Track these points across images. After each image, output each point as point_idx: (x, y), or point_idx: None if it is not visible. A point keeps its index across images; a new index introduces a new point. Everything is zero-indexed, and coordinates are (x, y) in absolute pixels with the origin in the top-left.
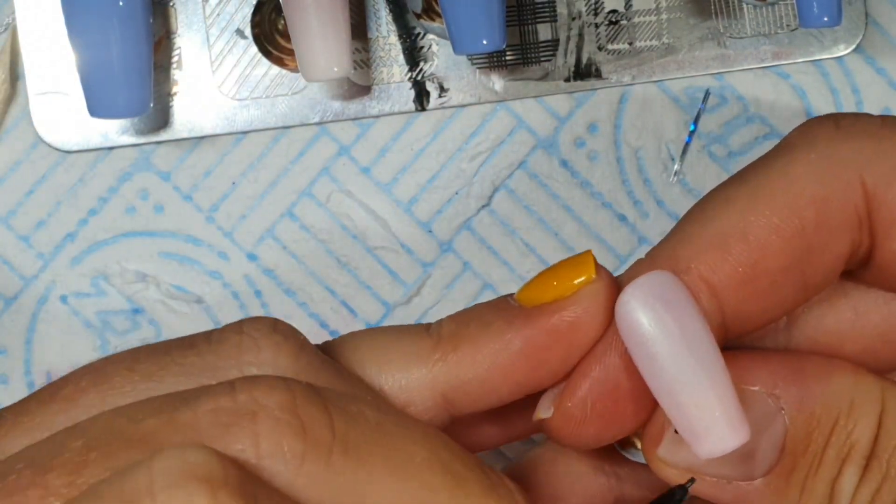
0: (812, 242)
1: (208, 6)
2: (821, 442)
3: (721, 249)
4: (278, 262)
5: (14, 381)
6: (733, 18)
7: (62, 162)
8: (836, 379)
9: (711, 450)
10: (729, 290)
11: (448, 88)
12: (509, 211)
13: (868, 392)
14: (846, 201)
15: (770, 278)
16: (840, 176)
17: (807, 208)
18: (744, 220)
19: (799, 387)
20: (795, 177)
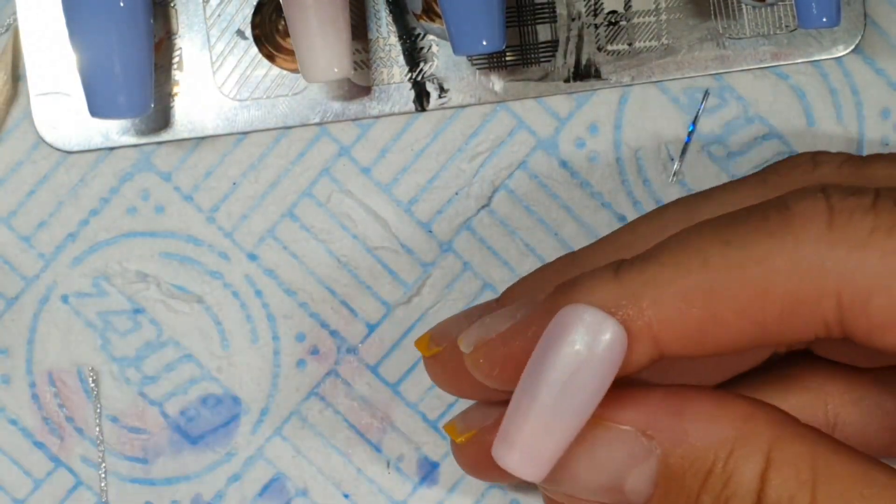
0: (770, 330)
1: (209, 7)
2: (695, 486)
3: (680, 307)
4: (279, 262)
5: (15, 381)
6: (732, 19)
7: (63, 162)
8: (719, 424)
9: (504, 462)
10: (672, 341)
11: (448, 89)
12: (509, 211)
13: (752, 441)
14: (816, 311)
15: (717, 346)
16: (817, 285)
17: (775, 304)
18: (711, 291)
19: (674, 428)
20: (774, 270)
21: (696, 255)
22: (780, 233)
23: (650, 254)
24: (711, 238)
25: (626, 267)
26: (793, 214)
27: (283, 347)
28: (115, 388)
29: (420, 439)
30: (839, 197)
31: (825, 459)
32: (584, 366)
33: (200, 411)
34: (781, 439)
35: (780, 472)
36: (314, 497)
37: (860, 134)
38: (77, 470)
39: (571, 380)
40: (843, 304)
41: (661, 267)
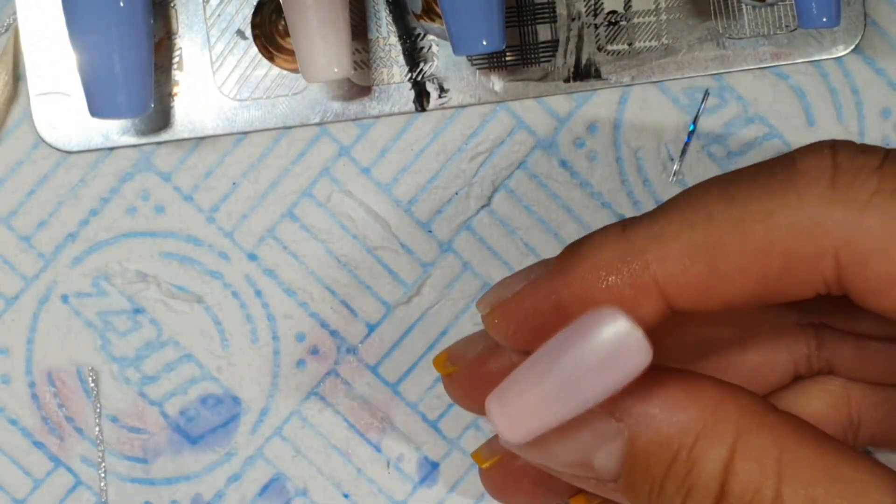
0: (772, 286)
1: (209, 7)
2: (660, 472)
3: (684, 263)
4: (278, 262)
5: (15, 381)
6: (732, 19)
7: (63, 162)
8: (685, 411)
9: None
10: (678, 295)
11: (448, 89)
12: (509, 211)
13: (717, 431)
14: (815, 269)
15: (722, 300)
16: (817, 244)
17: (775, 260)
18: (714, 246)
19: (642, 413)
20: (775, 226)
21: (701, 211)
22: (783, 189)
23: (658, 210)
24: (717, 194)
25: (634, 223)
26: (798, 171)
27: (283, 347)
28: (115, 387)
29: (420, 439)
30: (847, 155)
31: (792, 452)
32: (601, 370)
33: (200, 411)
34: (748, 429)
35: (744, 463)
36: (314, 497)
37: (860, 134)
38: (77, 470)
39: (585, 376)
40: (842, 264)
41: (667, 222)
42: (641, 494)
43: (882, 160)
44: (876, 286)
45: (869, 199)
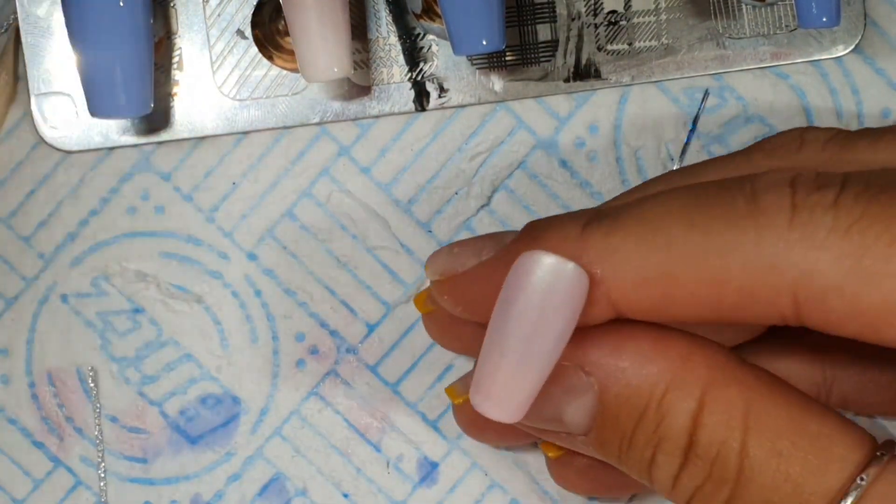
0: (726, 316)
1: (209, 7)
2: (629, 425)
3: (638, 283)
4: (278, 261)
5: (15, 381)
6: (732, 19)
7: (63, 162)
8: (654, 364)
9: (481, 408)
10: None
11: (448, 89)
12: (509, 211)
13: (686, 384)
14: (772, 305)
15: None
16: (773, 282)
17: (731, 295)
18: (670, 273)
19: (611, 366)
20: (732, 263)
21: (661, 233)
22: (743, 225)
23: (621, 215)
24: (679, 217)
25: (593, 226)
26: (759, 207)
27: (283, 347)
28: (115, 387)
29: (420, 439)
30: (804, 193)
31: (759, 405)
32: (546, 311)
33: (200, 411)
34: (716, 382)
35: (712, 416)
36: (314, 497)
37: None
38: (76, 470)
39: (536, 326)
40: (799, 302)
41: (626, 237)
42: (612, 447)
43: (837, 195)
44: (836, 319)
45: (825, 237)
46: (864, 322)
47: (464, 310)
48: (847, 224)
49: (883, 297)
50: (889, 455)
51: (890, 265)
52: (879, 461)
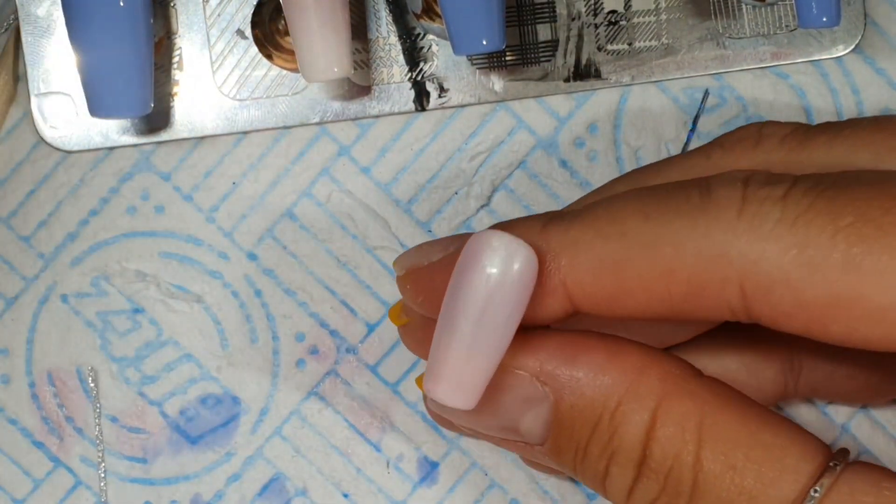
0: (677, 308)
1: (209, 7)
2: (584, 436)
3: (593, 273)
4: (278, 261)
5: (15, 381)
6: (732, 19)
7: (63, 162)
8: (608, 375)
9: (433, 393)
10: (583, 301)
11: (448, 89)
12: (509, 211)
13: (639, 396)
14: (720, 297)
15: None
16: (721, 273)
17: (681, 285)
18: (623, 263)
19: (566, 376)
20: (682, 253)
21: (615, 225)
22: (694, 216)
23: (580, 212)
24: (634, 209)
25: (555, 222)
26: (711, 200)
27: (283, 347)
28: (115, 387)
29: (420, 439)
30: (755, 186)
31: (713, 417)
32: (496, 290)
33: (200, 411)
34: (670, 395)
35: (665, 428)
36: (314, 497)
37: None
38: (76, 470)
39: (486, 306)
40: (746, 293)
41: (583, 229)
42: (567, 458)
43: (787, 189)
44: (783, 311)
45: (771, 228)
46: (809, 316)
47: (424, 301)
48: (793, 216)
49: (826, 289)
50: (842, 464)
51: (832, 256)
52: (833, 471)
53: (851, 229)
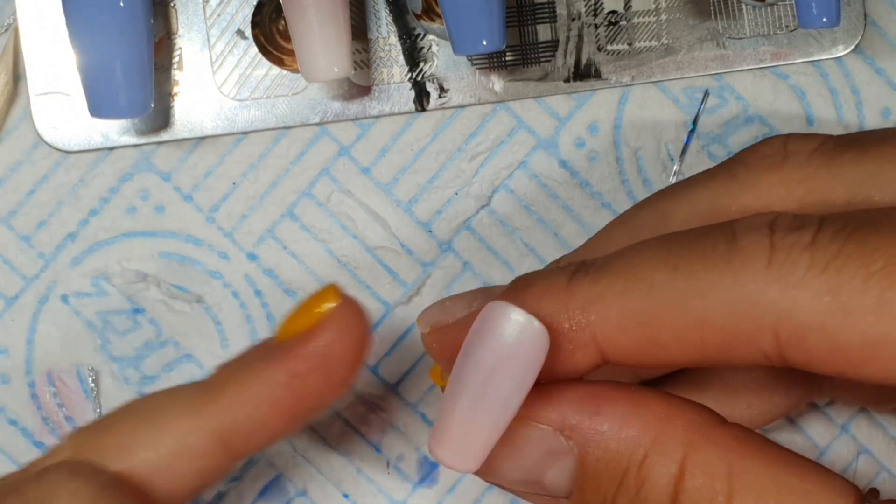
0: (711, 357)
1: (209, 7)
2: (611, 489)
3: (623, 328)
4: (278, 262)
5: (15, 381)
6: (732, 19)
7: (63, 162)
8: (633, 427)
9: (436, 454)
10: (615, 354)
11: (448, 89)
12: (509, 211)
13: (666, 447)
14: (754, 345)
15: (658, 364)
16: (754, 322)
17: (713, 336)
18: (653, 316)
19: (590, 430)
20: (713, 303)
21: (644, 278)
22: (723, 266)
23: (605, 264)
24: (662, 261)
25: (579, 276)
26: (738, 248)
27: None
28: (115, 387)
29: (420, 439)
30: (781, 233)
31: (740, 465)
32: (504, 362)
33: None
34: (696, 444)
35: (694, 479)
36: (314, 497)
37: None
38: None
39: (492, 375)
40: (781, 341)
41: (611, 284)
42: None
43: (814, 235)
44: (818, 356)
45: (802, 276)
46: (844, 359)
47: (449, 360)
48: (824, 262)
49: (861, 333)
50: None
51: (866, 301)
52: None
53: (884, 273)
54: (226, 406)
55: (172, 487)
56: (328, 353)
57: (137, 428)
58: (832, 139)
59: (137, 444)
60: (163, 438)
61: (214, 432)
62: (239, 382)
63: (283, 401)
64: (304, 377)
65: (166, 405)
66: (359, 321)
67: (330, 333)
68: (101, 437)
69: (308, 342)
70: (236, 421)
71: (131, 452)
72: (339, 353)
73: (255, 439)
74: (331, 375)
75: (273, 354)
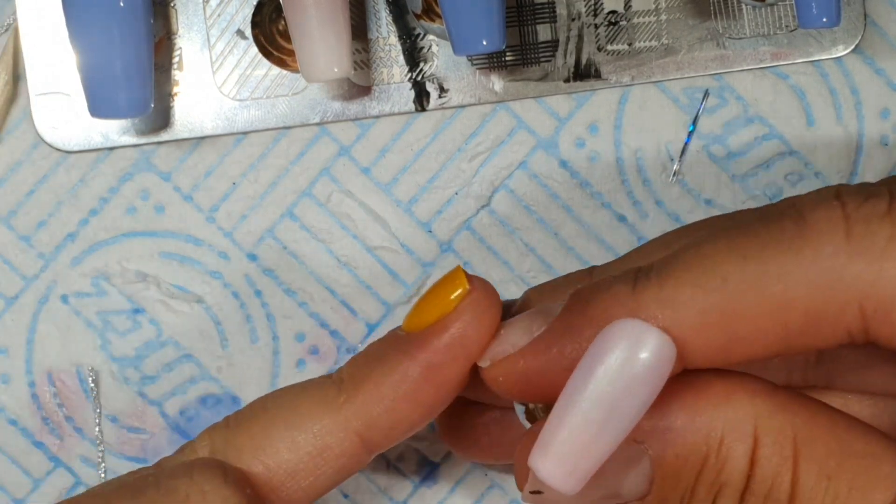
0: (794, 343)
1: (209, 7)
2: (690, 479)
3: (700, 328)
4: (278, 262)
5: (15, 381)
6: (732, 19)
7: (63, 162)
8: (704, 414)
9: (538, 469)
10: (693, 357)
11: (448, 89)
12: (509, 211)
13: (739, 424)
14: (839, 322)
15: (740, 360)
16: (839, 298)
17: (797, 319)
18: (731, 310)
19: (663, 427)
20: (794, 285)
21: (714, 273)
22: (797, 245)
23: (667, 266)
24: (727, 252)
25: (642, 281)
26: (809, 225)
27: (283, 347)
28: (115, 387)
29: (420, 439)
30: (854, 204)
31: (805, 430)
32: (632, 380)
33: (200, 411)
34: (763, 415)
35: (765, 449)
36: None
37: (859, 134)
38: (76, 470)
39: (619, 395)
40: (867, 315)
41: (679, 284)
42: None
43: (889, 203)
44: None
45: (885, 246)
46: None
47: (521, 391)
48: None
49: None
50: None
51: None
52: None
53: None
54: (363, 403)
55: (309, 487)
56: (464, 340)
57: (273, 427)
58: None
59: (275, 444)
60: (302, 438)
61: (354, 430)
62: (376, 378)
63: (420, 393)
64: (441, 368)
65: (301, 403)
66: (492, 302)
67: (465, 321)
68: (237, 437)
69: (443, 332)
70: (375, 417)
71: (270, 453)
72: (475, 339)
73: (394, 434)
74: (468, 362)
75: (408, 347)
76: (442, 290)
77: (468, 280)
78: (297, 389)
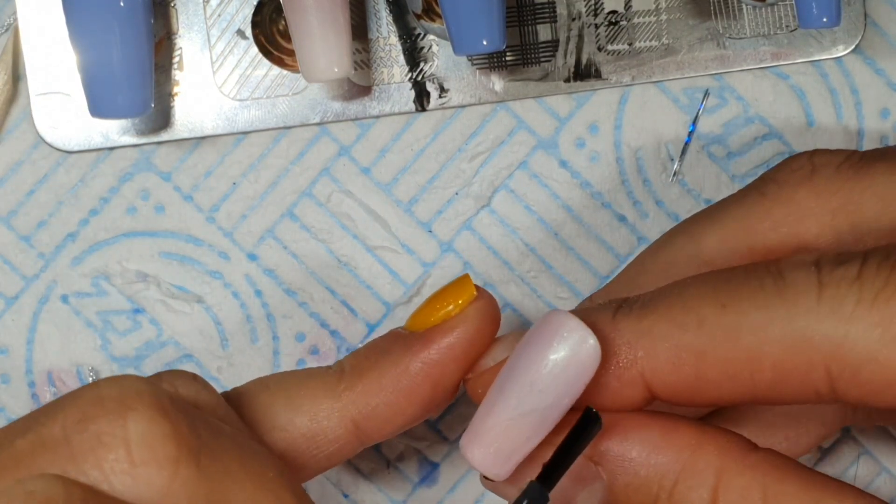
0: (762, 395)
1: (209, 7)
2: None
3: (672, 364)
4: (279, 262)
5: (15, 381)
6: (732, 19)
7: (63, 162)
8: (663, 453)
9: (469, 455)
10: (663, 391)
11: (448, 89)
12: (509, 211)
13: (698, 473)
14: (807, 380)
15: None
16: (807, 357)
17: (766, 372)
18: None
19: (620, 456)
20: (766, 339)
21: (692, 314)
22: (773, 303)
23: (649, 301)
24: (709, 298)
25: (623, 312)
26: (787, 285)
27: (283, 347)
28: None
29: (420, 439)
30: (829, 269)
31: (775, 489)
32: (556, 370)
33: None
34: (729, 469)
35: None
36: (313, 496)
37: (859, 134)
38: None
39: (541, 381)
40: (833, 375)
41: (658, 319)
42: None
43: (860, 267)
44: (873, 389)
45: (852, 310)
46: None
47: None
48: (873, 295)
49: None
50: None
51: None
52: None
53: None
54: (363, 392)
55: (297, 469)
56: (466, 344)
57: (273, 405)
58: (858, 153)
59: (273, 421)
60: (299, 420)
61: (351, 417)
62: (377, 370)
63: (419, 389)
64: (441, 367)
65: (303, 386)
66: (495, 314)
67: (469, 325)
68: (236, 411)
69: (449, 332)
70: (373, 407)
71: (265, 430)
72: (476, 345)
73: (389, 427)
74: (466, 365)
75: (412, 344)
76: (449, 294)
77: (475, 289)
78: (301, 374)
